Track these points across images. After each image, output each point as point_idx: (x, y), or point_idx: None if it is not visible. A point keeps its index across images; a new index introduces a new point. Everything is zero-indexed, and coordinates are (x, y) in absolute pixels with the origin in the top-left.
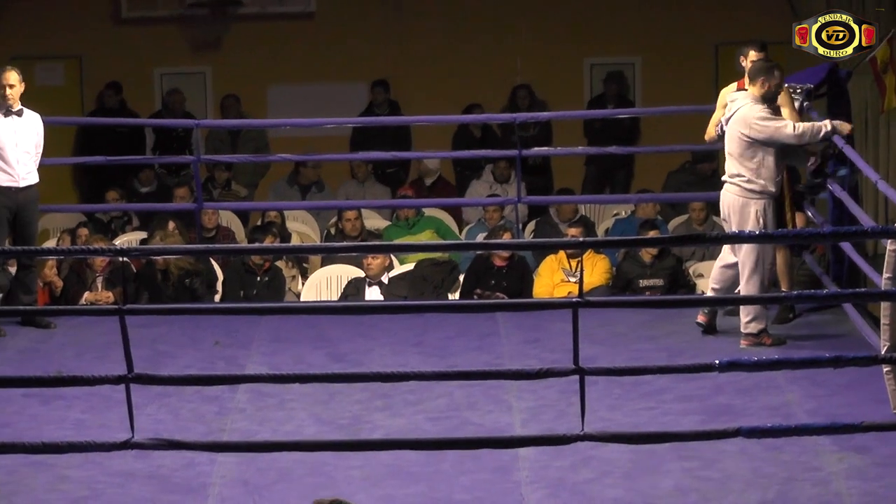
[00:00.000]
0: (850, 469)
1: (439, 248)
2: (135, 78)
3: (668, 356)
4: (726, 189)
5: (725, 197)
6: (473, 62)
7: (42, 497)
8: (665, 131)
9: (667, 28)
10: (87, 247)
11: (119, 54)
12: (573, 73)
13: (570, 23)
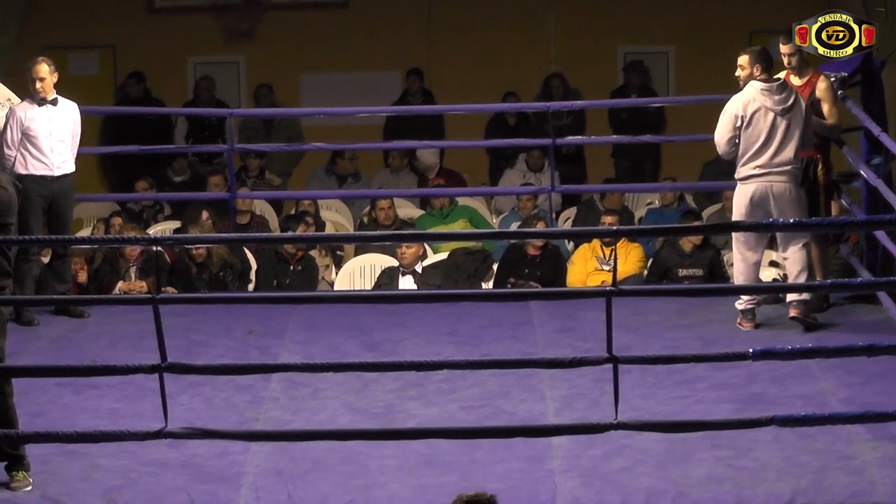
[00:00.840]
0: (884, 458)
1: (473, 237)
2: (168, 67)
3: (701, 345)
4: (781, 179)
5: (779, 188)
6: (507, 51)
7: (76, 486)
8: (697, 121)
9: (700, 16)
10: (122, 236)
11: (152, 44)
12: (607, 62)
13: (604, 11)
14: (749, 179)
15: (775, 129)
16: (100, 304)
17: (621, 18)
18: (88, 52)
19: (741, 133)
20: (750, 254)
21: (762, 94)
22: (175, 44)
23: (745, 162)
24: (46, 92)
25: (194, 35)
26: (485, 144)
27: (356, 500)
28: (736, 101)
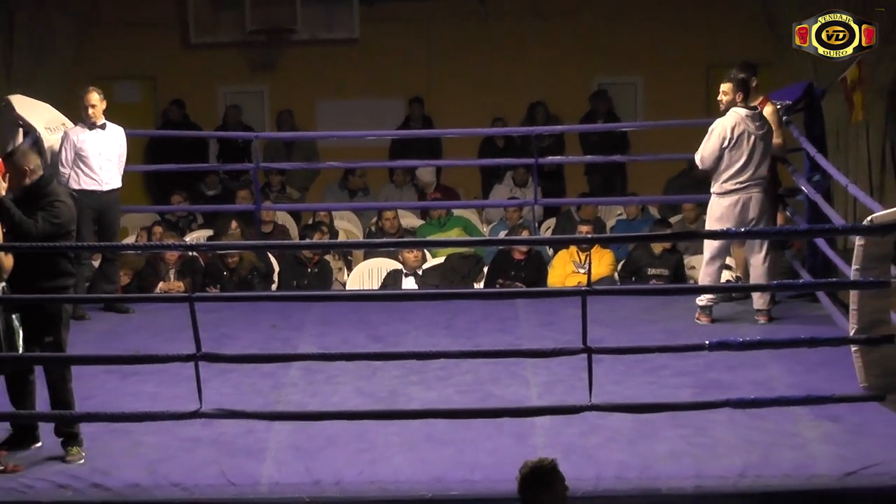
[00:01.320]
0: (825, 435)
1: (467, 244)
2: (201, 95)
3: (665, 337)
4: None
5: (756, 197)
6: (496, 82)
7: (121, 460)
8: (661, 142)
9: (664, 51)
10: (162, 242)
11: (187, 75)
12: (583, 91)
13: (580, 47)
14: (731, 192)
15: (755, 149)
16: (143, 302)
17: (595, 53)
18: (132, 83)
19: (726, 152)
20: (718, 257)
21: (745, 119)
22: (207, 75)
23: (729, 177)
24: (97, 117)
25: (224, 67)
26: (477, 163)
27: (365, 471)
28: (723, 124)
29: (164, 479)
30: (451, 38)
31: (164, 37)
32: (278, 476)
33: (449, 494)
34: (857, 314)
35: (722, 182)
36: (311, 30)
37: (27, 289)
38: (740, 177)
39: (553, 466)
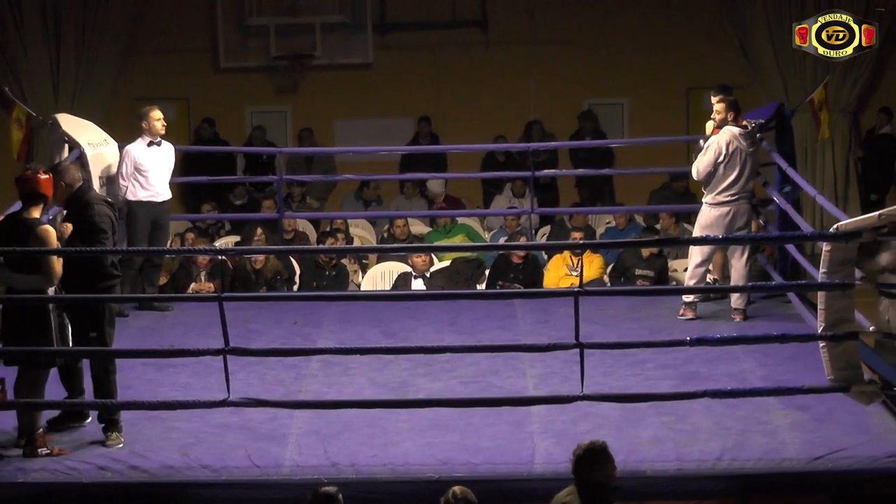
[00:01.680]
0: (794, 423)
1: (470, 249)
2: (230, 115)
3: (649, 333)
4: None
5: (744, 208)
6: (497, 103)
7: (157, 444)
8: (646, 157)
9: (648, 75)
10: (195, 247)
11: (218, 96)
12: (574, 112)
13: (572, 72)
14: (724, 204)
15: (745, 165)
16: (177, 301)
17: (586, 77)
18: (167, 103)
19: (720, 167)
20: (704, 261)
21: (739, 137)
22: (236, 96)
23: (722, 190)
24: (160, 133)
25: (251, 90)
26: (479, 176)
27: (378, 455)
28: (719, 141)
29: (196, 461)
30: (456, 63)
31: (197, 62)
32: (299, 459)
33: (453, 476)
34: (824, 313)
35: (715, 194)
36: (330, 56)
37: (76, 290)
38: (732, 189)
39: (604, 447)
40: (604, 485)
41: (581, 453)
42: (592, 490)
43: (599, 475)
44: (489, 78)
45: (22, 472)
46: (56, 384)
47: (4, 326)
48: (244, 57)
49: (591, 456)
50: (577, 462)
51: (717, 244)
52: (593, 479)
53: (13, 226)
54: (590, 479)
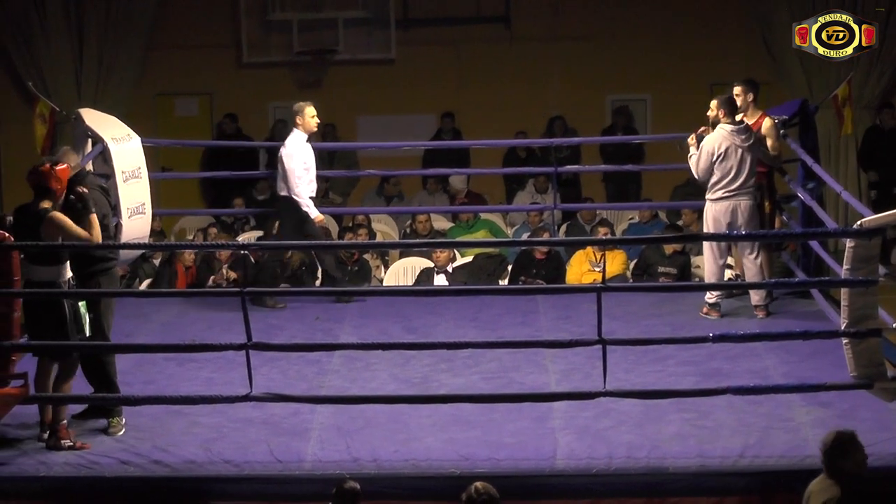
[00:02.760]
0: (816, 420)
1: (492, 244)
2: (253, 110)
3: (671, 330)
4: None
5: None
6: (519, 99)
7: (179, 438)
8: (671, 153)
9: (671, 71)
10: (218, 242)
11: (241, 91)
12: (597, 107)
13: (595, 67)
14: (723, 199)
15: (742, 161)
16: (199, 296)
17: (609, 73)
18: (190, 98)
19: (716, 165)
20: (719, 257)
21: (731, 134)
22: (259, 91)
23: (721, 187)
24: (314, 130)
25: (274, 85)
26: (501, 172)
27: (400, 450)
28: (711, 141)
29: (218, 456)
30: (479, 59)
31: (220, 57)
32: (321, 454)
33: (475, 471)
34: (848, 310)
35: (715, 190)
36: (352, 51)
37: (76, 273)
38: (731, 185)
39: (852, 436)
40: (855, 474)
41: (829, 441)
42: (845, 479)
43: (848, 465)
44: (512, 74)
45: (45, 465)
46: (81, 378)
47: (26, 319)
48: (267, 52)
49: (840, 445)
50: (826, 451)
51: (738, 241)
52: (843, 469)
53: (25, 218)
54: (841, 469)
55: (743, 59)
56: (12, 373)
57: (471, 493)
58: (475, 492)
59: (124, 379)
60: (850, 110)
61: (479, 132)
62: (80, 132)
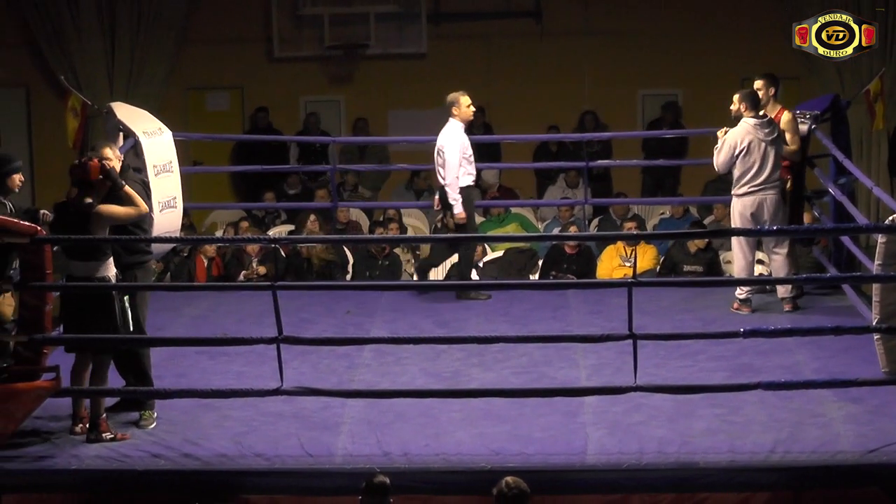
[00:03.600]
0: (847, 415)
1: (523, 239)
2: (284, 104)
3: (702, 325)
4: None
5: (771, 198)
6: (550, 93)
7: (210, 431)
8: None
9: (702, 66)
10: (248, 236)
11: (272, 85)
12: (629, 102)
13: (627, 63)
14: (748, 194)
15: (766, 155)
16: (230, 290)
17: (641, 68)
18: (222, 92)
19: (739, 159)
20: (748, 252)
21: (754, 128)
22: (290, 86)
23: (745, 182)
24: (471, 119)
25: (305, 79)
26: (532, 166)
27: (430, 444)
28: (734, 135)
29: (249, 449)
30: (510, 53)
31: (252, 51)
32: (352, 448)
33: (506, 466)
34: (879, 305)
35: (740, 185)
36: (384, 45)
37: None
38: (756, 180)
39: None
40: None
41: (506, 493)
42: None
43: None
44: (543, 68)
45: (77, 458)
46: (113, 372)
47: (64, 313)
48: (298, 46)
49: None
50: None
51: (768, 236)
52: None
53: (67, 214)
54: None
55: (774, 53)
56: (44, 366)
57: (501, 487)
58: (506, 486)
59: (156, 372)
60: (883, 106)
61: (509, 127)
62: (111, 126)
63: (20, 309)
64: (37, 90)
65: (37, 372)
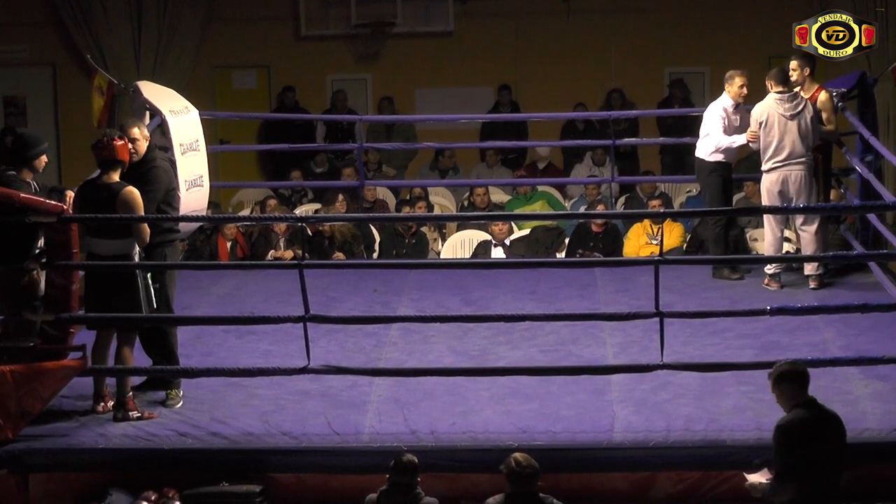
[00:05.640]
0: (874, 393)
1: (550, 217)
2: (311, 83)
3: (729, 303)
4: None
5: (796, 174)
6: (577, 71)
7: (238, 410)
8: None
9: (729, 43)
10: (277, 215)
11: (299, 64)
12: (655, 80)
13: (653, 40)
14: (773, 170)
15: (787, 131)
16: (257, 269)
17: (667, 46)
18: (249, 71)
19: (762, 133)
20: (777, 229)
21: (776, 102)
22: (317, 64)
23: (769, 157)
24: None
25: (332, 57)
26: (559, 144)
27: (457, 422)
28: (757, 109)
29: (276, 428)
30: (537, 32)
31: (279, 29)
32: (379, 426)
33: (533, 444)
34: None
35: (766, 161)
36: (411, 24)
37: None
38: (779, 156)
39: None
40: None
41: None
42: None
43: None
44: (569, 47)
45: (104, 437)
46: (139, 351)
47: (87, 291)
48: (325, 25)
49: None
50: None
51: (796, 213)
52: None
53: (95, 192)
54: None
55: None
56: (71, 345)
57: (512, 465)
58: (516, 464)
59: (184, 351)
60: None
61: (536, 105)
62: (138, 105)
63: (46, 287)
64: (63, 69)
65: (63, 351)
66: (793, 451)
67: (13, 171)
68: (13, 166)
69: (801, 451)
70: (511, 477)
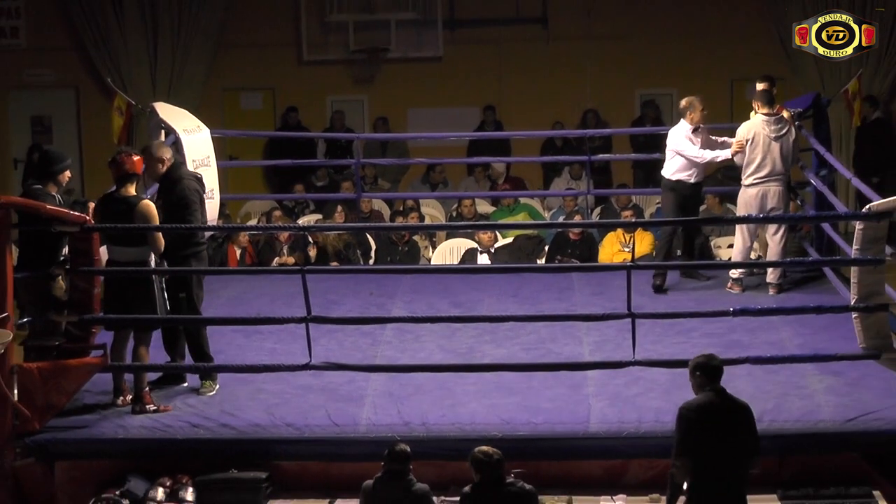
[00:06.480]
0: (828, 387)
1: (531, 226)
2: (312, 103)
3: (695, 304)
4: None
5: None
6: (556, 92)
7: (245, 404)
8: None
9: (695, 67)
10: (281, 224)
11: (301, 86)
12: (627, 101)
13: (626, 64)
14: (754, 185)
15: (770, 150)
16: (263, 274)
17: (638, 69)
18: (255, 93)
19: (747, 151)
20: (748, 238)
21: (763, 124)
22: (317, 86)
23: (750, 174)
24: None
25: (331, 80)
26: (539, 160)
27: (447, 414)
28: (743, 128)
29: (280, 420)
30: (519, 56)
31: (283, 55)
32: (374, 418)
33: (515, 434)
34: (857, 286)
35: (747, 176)
36: (403, 50)
37: (168, 256)
38: (760, 172)
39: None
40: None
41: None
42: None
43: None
44: (549, 70)
45: (123, 428)
46: (157, 349)
47: (107, 295)
48: (325, 50)
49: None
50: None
51: (755, 223)
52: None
53: (114, 204)
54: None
55: (761, 55)
56: (93, 344)
57: (478, 456)
58: (483, 454)
59: None
60: (860, 104)
61: (518, 124)
62: (154, 124)
63: (71, 291)
64: (85, 91)
65: (86, 349)
66: (690, 432)
67: (39, 185)
68: (39, 180)
69: (699, 432)
70: (479, 466)
